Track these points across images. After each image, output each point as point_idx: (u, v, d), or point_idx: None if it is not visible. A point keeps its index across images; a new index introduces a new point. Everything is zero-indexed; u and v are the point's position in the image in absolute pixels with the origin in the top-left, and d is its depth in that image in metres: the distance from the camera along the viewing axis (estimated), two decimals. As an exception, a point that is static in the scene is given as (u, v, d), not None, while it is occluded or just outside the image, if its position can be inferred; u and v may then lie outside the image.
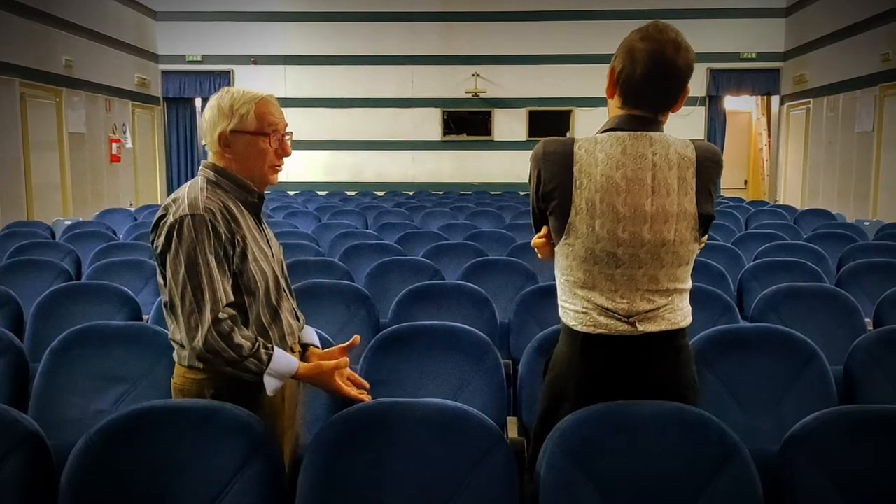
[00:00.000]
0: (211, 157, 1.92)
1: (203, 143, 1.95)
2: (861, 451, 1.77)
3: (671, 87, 1.77)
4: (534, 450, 1.89)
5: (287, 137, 1.93)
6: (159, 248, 1.81)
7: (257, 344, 1.78)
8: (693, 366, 1.89)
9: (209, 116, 1.89)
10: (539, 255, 1.96)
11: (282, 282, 1.97)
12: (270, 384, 1.79)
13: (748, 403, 2.40)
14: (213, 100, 1.91)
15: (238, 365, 1.75)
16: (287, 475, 1.85)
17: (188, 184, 1.90)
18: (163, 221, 1.81)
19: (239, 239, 1.83)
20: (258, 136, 1.87)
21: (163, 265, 1.81)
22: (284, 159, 1.95)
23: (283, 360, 1.82)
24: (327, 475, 1.79)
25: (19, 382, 2.58)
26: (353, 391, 1.90)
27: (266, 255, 1.91)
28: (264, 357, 1.78)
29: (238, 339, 1.75)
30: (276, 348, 1.82)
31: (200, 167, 1.93)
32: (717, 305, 3.30)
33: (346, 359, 1.92)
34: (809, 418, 1.84)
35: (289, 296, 2.01)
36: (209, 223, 1.78)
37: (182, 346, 1.83)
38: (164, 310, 1.87)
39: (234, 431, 1.77)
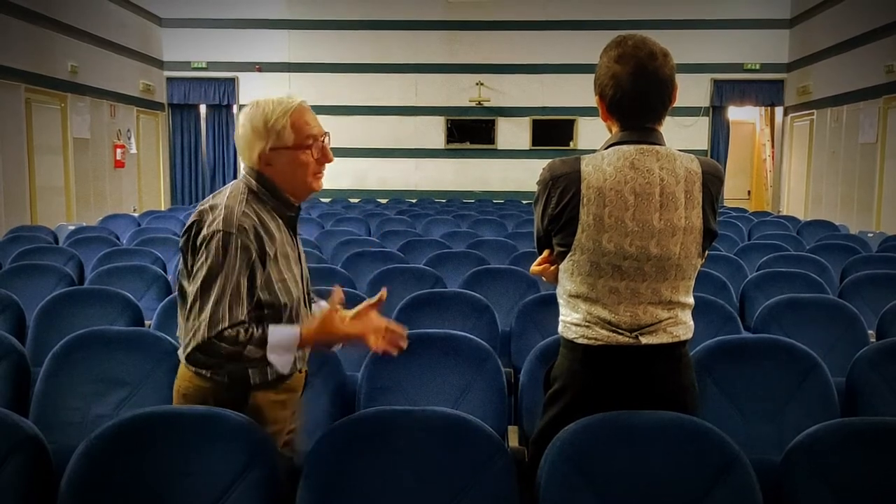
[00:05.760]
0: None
1: (242, 162, 1.89)
2: (862, 462, 1.77)
3: (662, 95, 1.79)
4: (533, 459, 1.89)
5: (326, 140, 1.85)
6: (188, 256, 1.78)
7: (250, 330, 1.70)
8: (692, 372, 1.91)
9: (244, 135, 1.82)
10: (545, 280, 1.95)
11: (303, 301, 1.92)
12: (278, 362, 1.72)
13: (750, 413, 2.39)
14: (245, 117, 1.83)
15: (239, 356, 1.70)
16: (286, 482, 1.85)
17: (229, 188, 1.84)
18: (195, 230, 1.77)
19: (270, 255, 1.78)
20: (298, 150, 1.81)
21: (187, 272, 1.79)
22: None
23: (280, 333, 1.73)
24: (327, 482, 1.78)
25: (20, 386, 2.58)
26: (371, 341, 1.78)
27: (294, 274, 1.86)
28: (259, 336, 1.70)
29: (233, 337, 1.69)
30: (270, 326, 1.74)
31: (244, 171, 1.88)
32: (720, 315, 3.29)
33: (339, 297, 1.83)
34: (811, 429, 1.83)
35: (308, 315, 1.94)
36: (240, 242, 1.73)
37: None
38: (179, 312, 1.85)
39: (234, 437, 1.77)
